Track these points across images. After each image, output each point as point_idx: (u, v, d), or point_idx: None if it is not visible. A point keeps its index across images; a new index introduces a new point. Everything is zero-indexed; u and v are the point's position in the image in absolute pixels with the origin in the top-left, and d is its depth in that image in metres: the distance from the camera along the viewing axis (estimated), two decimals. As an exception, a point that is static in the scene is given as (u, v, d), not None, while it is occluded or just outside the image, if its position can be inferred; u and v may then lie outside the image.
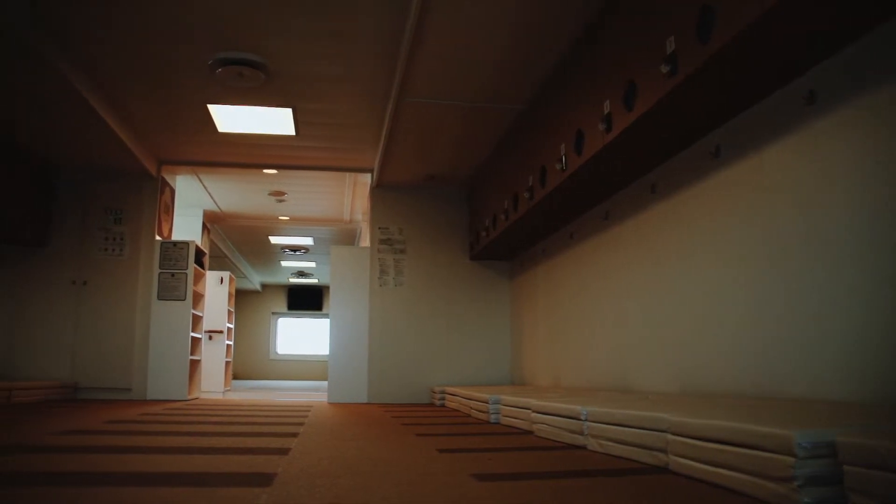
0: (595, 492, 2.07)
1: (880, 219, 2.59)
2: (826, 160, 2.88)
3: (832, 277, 2.81)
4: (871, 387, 2.60)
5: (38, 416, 4.62)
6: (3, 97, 5.44)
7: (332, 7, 4.36)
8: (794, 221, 3.06)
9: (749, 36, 2.63)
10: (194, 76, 5.41)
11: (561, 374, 6.03)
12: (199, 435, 3.54)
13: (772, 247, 3.21)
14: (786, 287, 3.10)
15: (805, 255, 2.98)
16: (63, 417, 4.53)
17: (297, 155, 7.38)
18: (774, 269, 3.18)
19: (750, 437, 1.92)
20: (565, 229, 5.94)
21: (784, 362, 3.08)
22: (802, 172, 3.02)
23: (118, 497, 1.85)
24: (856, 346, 2.67)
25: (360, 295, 7.55)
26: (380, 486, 2.07)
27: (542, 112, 5.14)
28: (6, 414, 4.70)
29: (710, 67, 2.91)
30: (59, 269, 7.31)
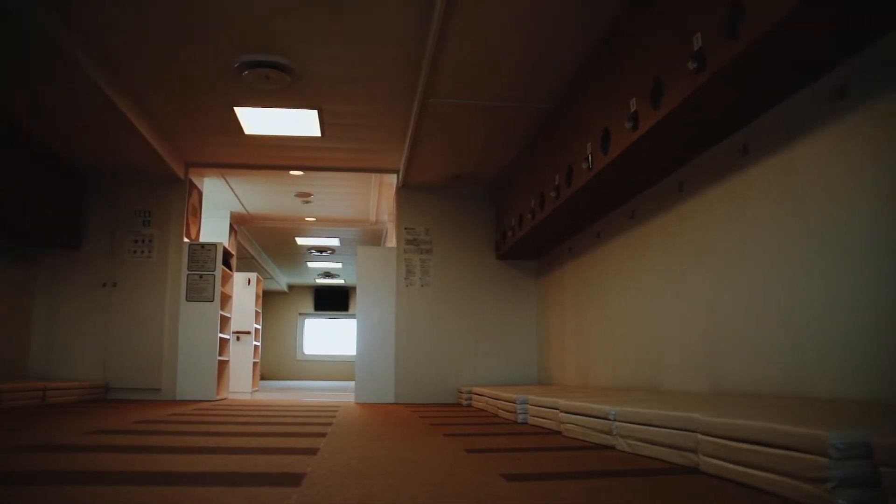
0: (624, 492, 2.06)
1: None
2: (857, 157, 2.84)
3: (863, 276, 2.77)
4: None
5: (70, 415, 4.68)
6: (37, 103, 5.52)
7: (357, 9, 4.37)
8: (825, 219, 3.02)
9: (779, 31, 2.60)
10: (221, 79, 5.45)
11: (588, 373, 6.00)
12: (228, 435, 3.56)
13: (802, 245, 3.17)
14: (816, 286, 3.06)
15: (835, 253, 2.94)
16: (95, 417, 4.59)
17: (323, 156, 7.41)
18: (804, 268, 3.14)
19: (782, 437, 1.90)
20: (592, 228, 5.91)
21: (815, 362, 3.04)
22: (833, 169, 2.98)
23: (152, 496, 1.87)
24: (889, 346, 2.63)
25: (386, 295, 7.57)
26: (409, 486, 2.07)
27: (568, 111, 5.12)
28: (41, 413, 4.76)
29: (739, 64, 2.88)
30: (91, 272, 7.41)
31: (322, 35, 4.73)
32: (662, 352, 4.60)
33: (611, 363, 5.50)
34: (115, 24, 4.59)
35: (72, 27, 4.60)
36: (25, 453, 2.71)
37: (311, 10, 4.39)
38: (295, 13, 4.44)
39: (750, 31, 2.69)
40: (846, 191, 2.90)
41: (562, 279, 6.80)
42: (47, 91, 5.29)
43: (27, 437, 3.26)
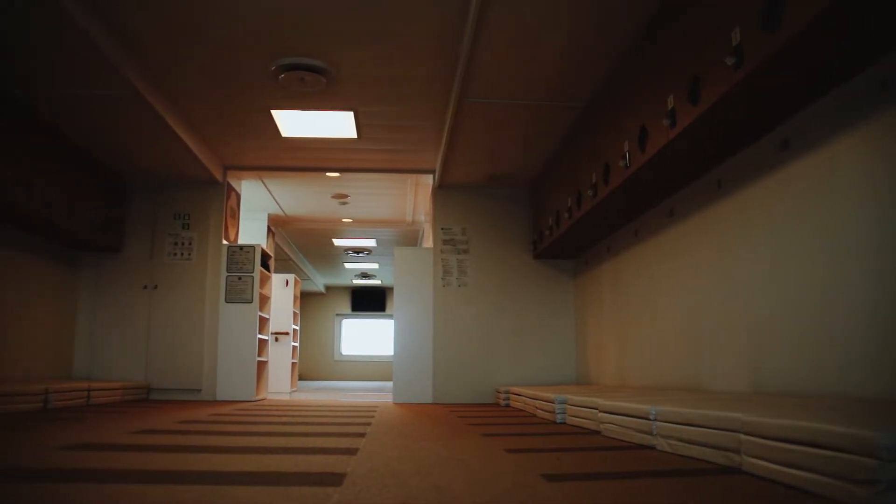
0: (666, 492, 2.04)
1: (962, 210, 2.50)
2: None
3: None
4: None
5: (114, 415, 4.76)
6: (79, 109, 5.62)
7: (391, 10, 4.39)
8: (867, 216, 2.97)
9: (819, 24, 2.56)
10: (257, 83, 5.50)
11: (627, 373, 5.96)
12: (268, 435, 3.60)
13: (845, 242, 3.12)
14: (859, 283, 3.01)
15: (879, 251, 2.89)
16: (138, 417, 4.66)
17: (360, 157, 7.45)
18: (847, 266, 3.09)
19: (829, 437, 1.86)
20: (629, 226, 5.87)
21: (859, 361, 2.99)
22: (876, 165, 2.93)
23: (196, 494, 1.90)
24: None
25: (423, 295, 7.59)
26: (450, 486, 2.07)
27: (604, 108, 5.09)
28: (85, 413, 4.85)
29: (778, 58, 2.84)
30: (132, 274, 7.53)
31: (357, 37, 4.75)
32: (702, 351, 4.55)
33: (649, 363, 5.45)
34: (155, 30, 4.66)
35: (114, 33, 4.68)
36: (73, 451, 2.76)
37: (346, 12, 4.42)
38: (330, 16, 4.47)
39: (789, 24, 2.65)
40: (888, 187, 2.85)
41: (600, 278, 6.76)
42: (90, 98, 5.39)
43: (74, 436, 3.33)
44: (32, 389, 5.11)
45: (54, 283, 7.05)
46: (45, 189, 5.80)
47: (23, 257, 6.43)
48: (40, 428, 3.77)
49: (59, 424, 4.01)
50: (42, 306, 6.83)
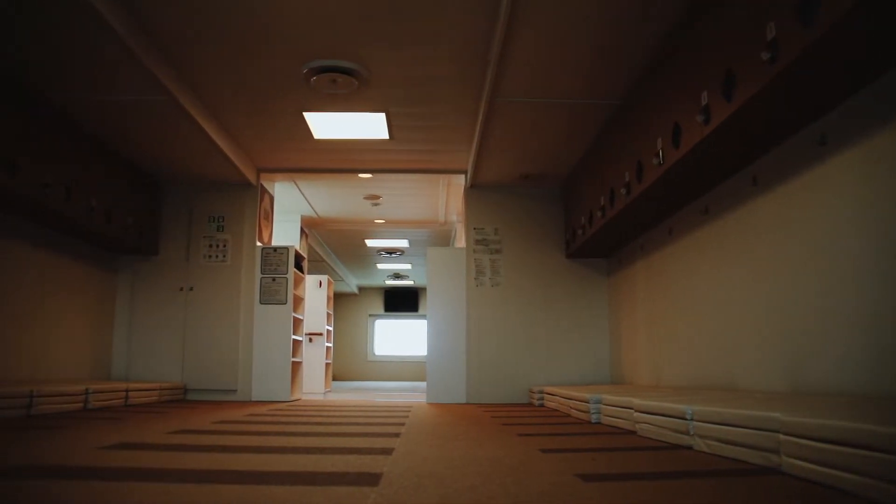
0: (705, 493, 2.02)
1: None
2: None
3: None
4: None
5: (152, 415, 4.82)
6: (115, 114, 5.71)
7: (422, 11, 4.40)
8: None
9: (856, 16, 2.52)
10: (289, 85, 5.54)
11: (662, 372, 5.91)
12: (304, 435, 3.62)
13: (885, 239, 3.06)
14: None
15: (923, 245, 2.84)
16: (175, 417, 4.72)
17: (392, 158, 7.47)
18: (886, 263, 3.04)
19: (871, 438, 1.84)
20: (663, 225, 5.82)
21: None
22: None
23: (235, 494, 1.92)
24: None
25: (456, 296, 7.59)
26: (486, 486, 2.07)
27: (637, 106, 5.06)
28: (124, 413, 4.92)
29: (815, 52, 2.80)
30: (168, 277, 7.63)
31: (388, 38, 4.77)
32: (738, 350, 4.50)
33: (685, 362, 5.41)
34: (188, 35, 4.72)
35: (148, 39, 4.74)
36: (113, 451, 2.81)
37: (377, 14, 4.44)
38: (361, 18, 4.49)
39: (826, 17, 2.61)
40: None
41: (633, 277, 6.71)
42: (126, 103, 5.47)
43: (114, 436, 3.38)
44: (73, 390, 5.20)
45: (94, 286, 7.17)
46: (84, 194, 5.91)
47: (64, 260, 6.55)
48: (81, 427, 3.83)
49: (99, 424, 4.07)
50: (82, 308, 6.95)
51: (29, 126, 5.18)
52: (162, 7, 4.35)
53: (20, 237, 5.86)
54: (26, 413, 4.62)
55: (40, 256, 6.18)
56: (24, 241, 5.92)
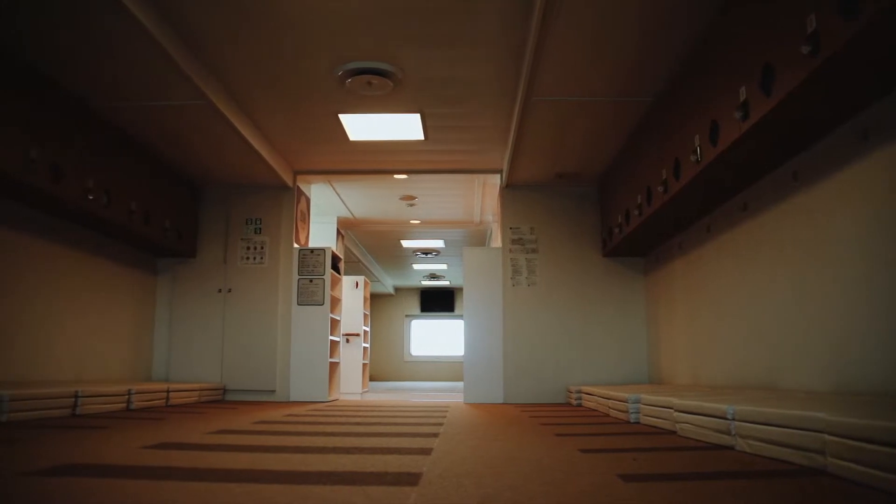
0: (748, 494, 1.99)
1: None
2: None
3: None
4: None
5: (192, 415, 4.88)
6: (155, 119, 5.79)
7: (456, 11, 4.40)
8: (958, 205, 2.85)
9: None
10: (325, 88, 5.58)
11: (701, 371, 5.84)
12: (343, 435, 3.64)
13: (933, 233, 3.00)
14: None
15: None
16: (215, 417, 4.77)
17: (427, 159, 7.49)
18: (937, 257, 2.97)
19: (919, 436, 1.80)
20: (701, 222, 5.76)
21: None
22: (966, 152, 2.81)
23: (276, 493, 1.93)
24: None
25: (493, 295, 7.58)
26: (526, 486, 2.07)
27: (673, 102, 5.01)
28: (165, 413, 4.99)
29: (857, 45, 2.75)
30: (207, 279, 7.73)
31: (423, 39, 4.78)
32: (779, 349, 4.43)
33: (724, 361, 5.34)
34: (224, 39, 4.77)
35: (185, 44, 4.81)
36: (156, 450, 2.85)
37: (412, 15, 4.45)
38: (395, 20, 4.51)
39: (869, 8, 2.56)
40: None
41: (671, 275, 6.65)
42: (164, 108, 5.55)
43: (156, 436, 3.43)
44: (117, 390, 5.28)
45: (134, 288, 7.29)
46: (124, 197, 6.00)
47: (106, 263, 6.66)
48: (125, 427, 3.89)
49: (142, 424, 4.13)
50: (123, 310, 7.06)
51: (72, 132, 5.29)
52: (199, 13, 4.41)
53: (63, 240, 5.97)
54: (72, 412, 4.71)
55: (83, 259, 6.29)
56: (67, 244, 6.03)
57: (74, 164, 5.26)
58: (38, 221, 5.62)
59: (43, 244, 5.70)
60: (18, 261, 5.41)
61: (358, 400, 8.21)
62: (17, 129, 4.63)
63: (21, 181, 4.72)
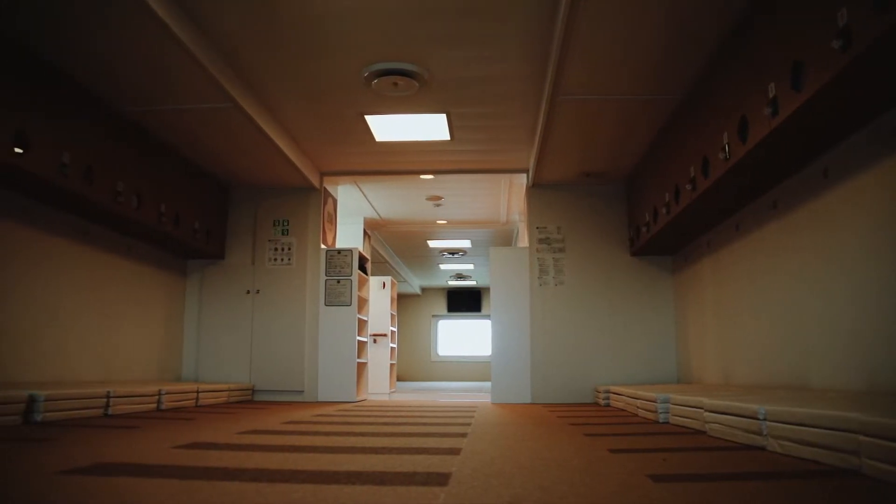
0: (781, 495, 1.97)
1: None
2: None
3: None
4: None
5: (222, 416, 4.92)
6: (184, 122, 5.85)
7: (482, 12, 4.40)
8: None
9: (934, 3, 2.43)
10: (351, 89, 5.61)
11: (731, 371, 5.79)
12: (371, 435, 3.65)
13: (968, 230, 2.95)
14: None
15: None
16: (244, 418, 4.81)
17: (453, 159, 7.49)
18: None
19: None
20: (730, 220, 5.71)
21: None
22: None
23: (307, 493, 1.94)
24: None
25: (520, 295, 7.57)
26: (556, 487, 2.06)
27: (701, 100, 4.97)
28: (195, 414, 5.04)
29: (890, 39, 2.71)
30: (235, 280, 7.79)
31: (448, 40, 4.78)
32: (811, 348, 4.38)
33: (754, 360, 5.29)
34: (250, 42, 4.81)
35: (213, 48, 4.85)
36: (187, 450, 2.87)
37: (438, 16, 4.46)
38: (422, 21, 4.52)
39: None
40: None
41: (700, 274, 6.59)
42: (192, 111, 5.60)
43: (187, 436, 3.46)
44: (147, 391, 5.34)
45: (164, 290, 7.37)
46: (154, 200, 6.08)
47: (136, 264, 6.74)
48: (155, 427, 3.93)
49: (172, 424, 4.17)
50: (154, 312, 7.14)
51: (103, 136, 5.36)
52: (227, 18, 4.45)
53: (95, 243, 6.05)
54: (104, 412, 4.76)
55: (113, 261, 6.37)
56: (98, 246, 6.11)
57: (105, 168, 5.33)
58: (71, 224, 5.70)
59: (75, 247, 5.78)
60: (52, 263, 5.49)
61: (386, 400, 8.23)
62: (51, 134, 4.70)
63: (55, 185, 4.80)
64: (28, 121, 4.49)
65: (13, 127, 4.35)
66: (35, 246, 5.32)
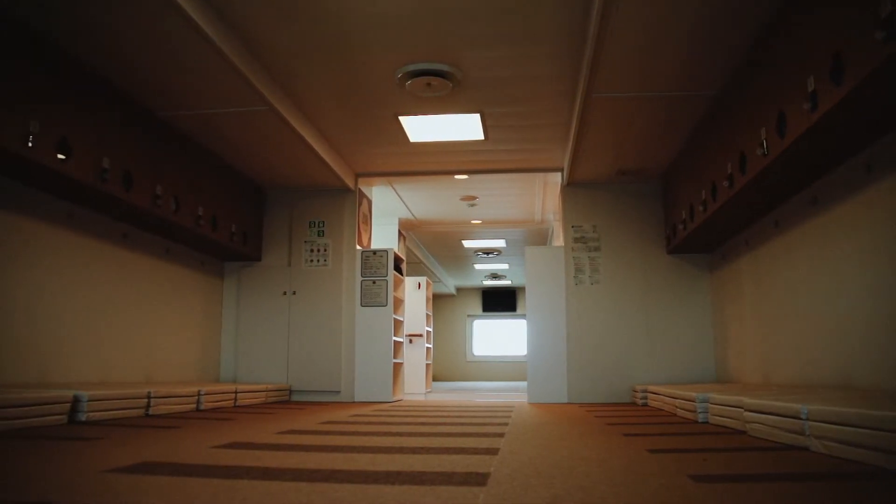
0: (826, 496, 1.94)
1: None
2: None
3: None
4: None
5: (260, 416, 4.97)
6: (220, 126, 5.91)
7: (515, 11, 4.39)
8: None
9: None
10: (385, 91, 5.63)
11: (771, 370, 5.71)
12: (409, 435, 3.66)
13: None
14: None
15: None
16: (282, 418, 4.85)
17: (487, 159, 7.49)
18: None
19: None
20: (769, 217, 5.63)
21: None
22: None
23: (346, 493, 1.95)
24: None
25: (555, 295, 7.54)
26: (596, 487, 2.05)
27: (737, 95, 4.90)
28: (234, 414, 5.09)
29: (934, 32, 2.65)
30: (272, 281, 7.86)
31: (482, 40, 4.78)
32: (853, 346, 4.30)
33: (796, 359, 5.21)
34: (284, 45, 4.85)
35: (247, 50, 4.90)
36: (227, 449, 2.91)
37: (471, 16, 4.45)
38: (455, 21, 4.52)
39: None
40: None
41: (738, 272, 6.51)
42: (228, 115, 5.66)
43: (226, 436, 3.49)
44: (187, 391, 5.41)
45: (202, 292, 7.46)
46: (192, 203, 6.15)
47: (175, 267, 6.84)
48: (195, 427, 3.97)
49: (212, 424, 4.22)
50: (192, 313, 7.24)
51: (141, 141, 5.44)
52: (262, 22, 4.48)
53: (134, 246, 6.14)
54: (144, 412, 4.83)
55: (152, 263, 6.46)
56: (138, 249, 6.21)
57: (144, 172, 5.41)
58: (110, 228, 5.79)
59: (115, 250, 5.88)
60: (94, 266, 5.58)
61: (422, 400, 8.25)
62: (92, 140, 4.79)
63: (96, 190, 4.89)
64: (70, 127, 4.58)
65: (58, 134, 4.44)
66: (78, 250, 5.41)
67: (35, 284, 4.96)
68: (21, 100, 4.16)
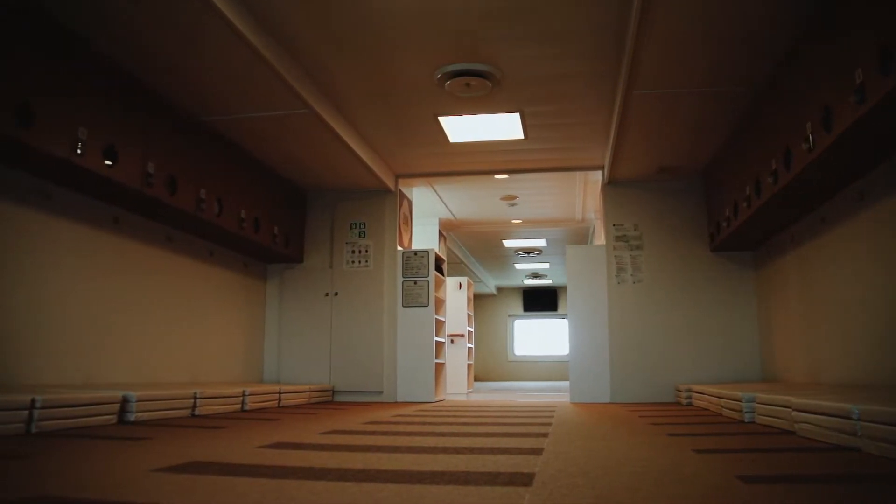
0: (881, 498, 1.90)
1: None
2: None
3: None
4: None
5: (304, 416, 5.01)
6: (262, 129, 5.98)
7: (554, 8, 4.37)
8: None
9: None
10: (424, 92, 5.64)
11: (820, 368, 5.61)
12: (452, 435, 3.67)
13: None
14: None
15: None
16: (326, 418, 4.88)
17: (527, 158, 7.47)
18: None
19: None
20: (815, 213, 5.52)
21: None
22: None
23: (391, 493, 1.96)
24: None
25: (597, 294, 7.49)
26: (642, 487, 2.03)
27: (780, 90, 4.82)
28: (278, 414, 5.14)
29: None
30: (314, 283, 7.92)
31: (520, 39, 4.76)
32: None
33: (843, 358, 5.11)
34: (324, 47, 4.88)
35: (287, 53, 4.95)
36: (272, 449, 2.94)
37: (509, 15, 4.44)
38: (492, 20, 4.51)
39: None
40: None
41: (784, 269, 6.40)
42: (271, 119, 5.72)
43: (271, 436, 3.53)
44: (232, 392, 5.47)
45: (246, 293, 7.55)
46: (235, 206, 6.23)
47: (218, 269, 6.93)
48: (240, 427, 4.02)
49: (256, 425, 4.27)
50: (236, 315, 7.33)
51: (183, 145, 5.52)
52: (301, 24, 4.53)
53: (178, 248, 6.24)
54: (191, 413, 4.90)
55: (197, 266, 6.56)
56: (183, 252, 6.30)
57: (188, 176, 5.50)
58: (156, 231, 5.89)
59: (161, 253, 5.98)
60: (140, 269, 5.68)
61: (464, 400, 8.25)
62: (137, 146, 4.88)
63: (142, 195, 4.98)
64: (117, 134, 4.67)
65: (106, 140, 4.54)
66: (126, 255, 5.51)
67: (83, 288, 5.06)
68: (71, 108, 4.26)
